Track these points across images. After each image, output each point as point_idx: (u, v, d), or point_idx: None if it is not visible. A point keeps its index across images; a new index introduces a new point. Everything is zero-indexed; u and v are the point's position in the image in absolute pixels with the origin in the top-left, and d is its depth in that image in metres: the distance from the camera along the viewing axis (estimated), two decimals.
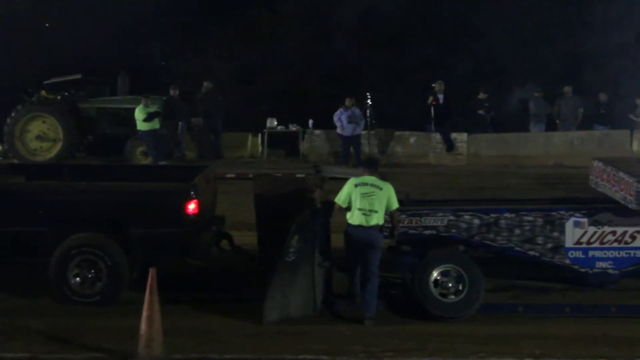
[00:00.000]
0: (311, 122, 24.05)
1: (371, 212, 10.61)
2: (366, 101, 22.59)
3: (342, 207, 10.80)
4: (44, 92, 23.43)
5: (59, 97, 23.50)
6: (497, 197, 14.83)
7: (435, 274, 10.81)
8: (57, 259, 10.95)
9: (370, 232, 10.63)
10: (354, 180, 10.84)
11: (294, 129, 24.21)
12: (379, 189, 10.70)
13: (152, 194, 11.22)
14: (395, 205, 10.76)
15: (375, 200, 10.62)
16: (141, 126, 21.72)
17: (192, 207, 10.93)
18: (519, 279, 12.01)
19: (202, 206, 11.19)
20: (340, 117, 22.23)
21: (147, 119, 21.63)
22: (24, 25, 28.89)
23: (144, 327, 8.97)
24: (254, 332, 10.19)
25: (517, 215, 11.09)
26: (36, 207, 11.06)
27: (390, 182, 10.89)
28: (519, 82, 26.08)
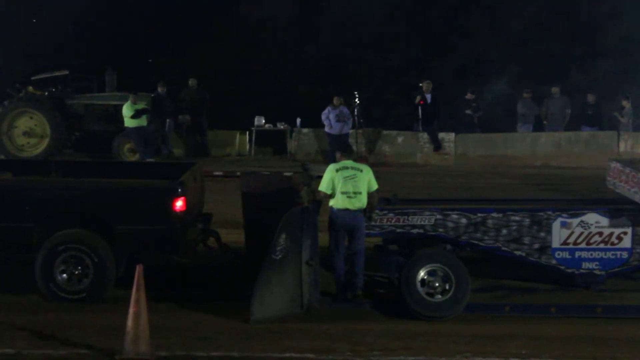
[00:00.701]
0: (299, 121, 24.04)
1: (355, 194, 10.86)
2: (354, 100, 22.55)
3: (327, 194, 11.00)
4: (31, 88, 23.26)
5: (47, 93, 23.36)
6: (484, 197, 14.86)
7: (422, 274, 10.81)
8: (44, 255, 10.90)
9: (356, 215, 10.89)
10: (334, 166, 11.09)
11: (282, 127, 24.21)
12: (360, 171, 10.98)
13: (139, 191, 11.22)
14: (375, 186, 11.03)
15: (358, 182, 10.89)
16: (129, 123, 21.64)
17: (179, 204, 10.91)
18: (506, 279, 12.04)
19: (189, 203, 11.18)
20: (328, 116, 22.19)
21: (135, 115, 21.57)
22: (10, 20, 28.70)
23: (130, 324, 8.94)
24: (241, 330, 10.17)
25: (505, 215, 11.11)
26: (23, 203, 11.02)
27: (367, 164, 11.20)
28: (507, 83, 26.16)
